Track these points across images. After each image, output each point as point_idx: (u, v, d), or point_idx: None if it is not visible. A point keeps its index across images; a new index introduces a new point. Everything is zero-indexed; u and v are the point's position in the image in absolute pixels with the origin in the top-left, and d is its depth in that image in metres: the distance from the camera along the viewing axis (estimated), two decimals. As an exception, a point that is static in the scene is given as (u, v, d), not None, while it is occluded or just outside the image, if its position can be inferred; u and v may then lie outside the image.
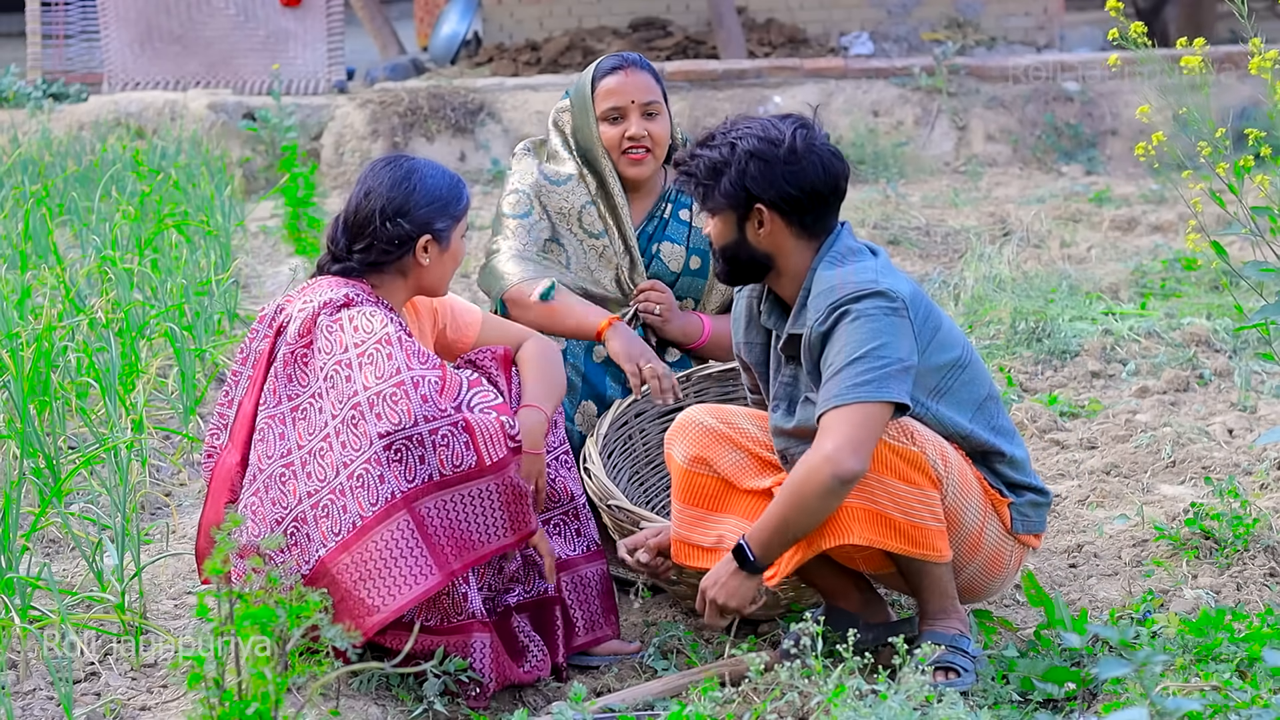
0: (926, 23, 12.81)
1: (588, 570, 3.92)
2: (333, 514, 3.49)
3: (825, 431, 3.40)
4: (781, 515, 3.45)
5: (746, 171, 3.51)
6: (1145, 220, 8.68)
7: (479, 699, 3.63)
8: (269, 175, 10.45)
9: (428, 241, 3.73)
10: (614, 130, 4.34)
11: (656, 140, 4.34)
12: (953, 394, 3.60)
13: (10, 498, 3.88)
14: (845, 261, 3.53)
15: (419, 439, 3.49)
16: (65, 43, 11.95)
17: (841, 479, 3.37)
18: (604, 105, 4.34)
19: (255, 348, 3.72)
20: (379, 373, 3.52)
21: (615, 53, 4.50)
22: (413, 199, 3.72)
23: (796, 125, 3.55)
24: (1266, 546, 4.21)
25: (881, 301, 3.44)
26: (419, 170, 3.77)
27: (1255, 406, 5.57)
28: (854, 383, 3.39)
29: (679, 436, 3.75)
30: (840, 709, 3.09)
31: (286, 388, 3.61)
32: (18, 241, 6.88)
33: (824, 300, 3.48)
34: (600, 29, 12.78)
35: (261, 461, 3.59)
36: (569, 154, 4.42)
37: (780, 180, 3.51)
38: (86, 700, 3.43)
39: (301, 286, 3.77)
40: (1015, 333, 6.37)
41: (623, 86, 4.33)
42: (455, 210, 3.78)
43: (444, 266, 3.79)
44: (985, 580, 3.68)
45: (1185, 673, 3.42)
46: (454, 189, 3.79)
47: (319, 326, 3.61)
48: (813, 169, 3.52)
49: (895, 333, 3.43)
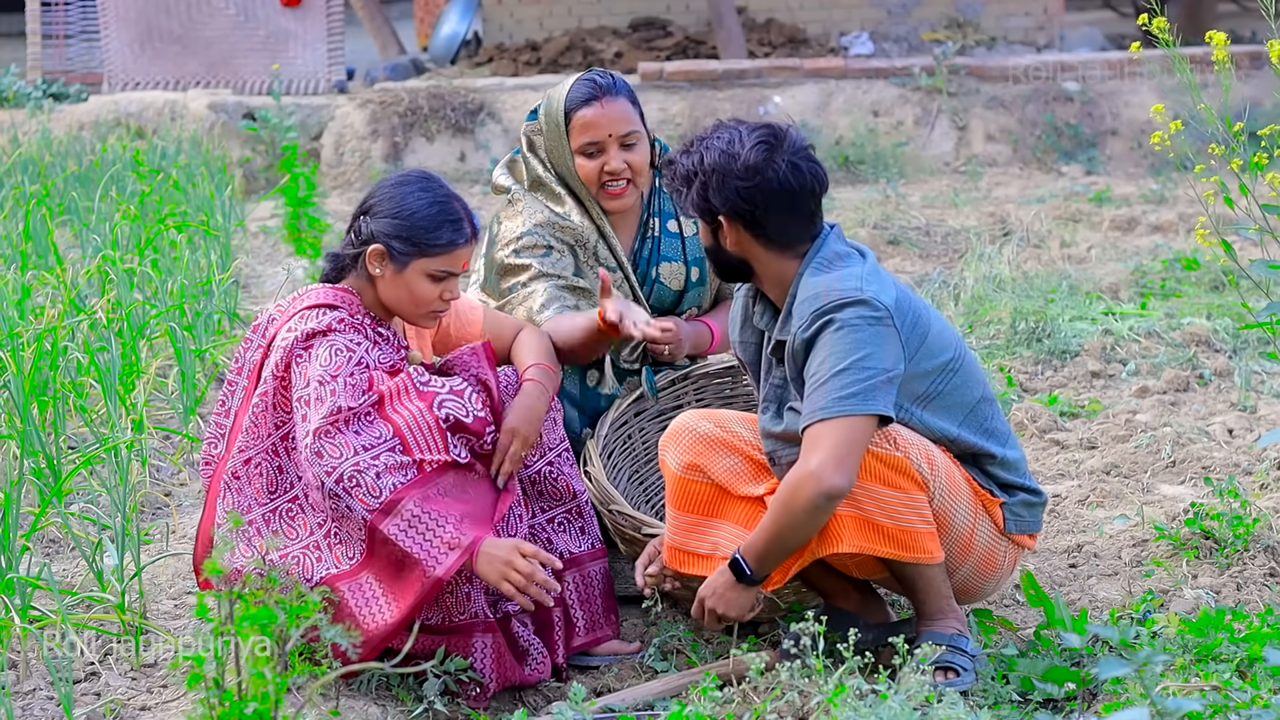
0: (926, 23, 12.81)
1: (592, 568, 3.92)
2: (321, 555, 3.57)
3: (811, 446, 3.40)
4: (774, 530, 3.47)
5: (708, 184, 3.52)
6: (1145, 220, 8.68)
7: (479, 699, 3.63)
8: (269, 175, 10.45)
9: (380, 252, 3.65)
10: (592, 165, 4.15)
11: (637, 170, 4.18)
12: (943, 398, 3.58)
13: (10, 498, 3.88)
14: (831, 267, 3.51)
15: (333, 493, 3.51)
16: (65, 43, 11.94)
17: (827, 495, 3.38)
18: (580, 140, 4.15)
19: (249, 358, 3.72)
20: (318, 414, 3.53)
21: (586, 77, 4.19)
22: (385, 204, 3.67)
23: (760, 139, 3.51)
24: (1266, 546, 4.21)
25: (865, 310, 3.43)
26: (413, 185, 3.69)
27: (1255, 406, 5.57)
28: (839, 395, 3.38)
29: (672, 443, 3.74)
30: (840, 709, 3.09)
31: (274, 416, 3.63)
32: (18, 241, 6.88)
33: (808, 307, 3.47)
34: (600, 29, 12.78)
35: (261, 497, 3.63)
36: (560, 186, 4.21)
37: (734, 195, 3.50)
38: (86, 700, 3.43)
39: (292, 295, 3.77)
40: (1015, 333, 6.37)
41: (599, 120, 4.13)
42: (421, 239, 3.62)
43: (398, 290, 3.66)
44: (979, 581, 3.68)
45: (1185, 673, 3.42)
46: (430, 220, 3.63)
47: (294, 358, 3.62)
48: (768, 184, 3.48)
49: (880, 342, 3.42)
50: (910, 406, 3.55)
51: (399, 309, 3.71)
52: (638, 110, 4.21)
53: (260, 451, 3.62)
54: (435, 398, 3.61)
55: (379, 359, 3.64)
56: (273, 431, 3.62)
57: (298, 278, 7.32)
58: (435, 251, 3.64)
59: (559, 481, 3.86)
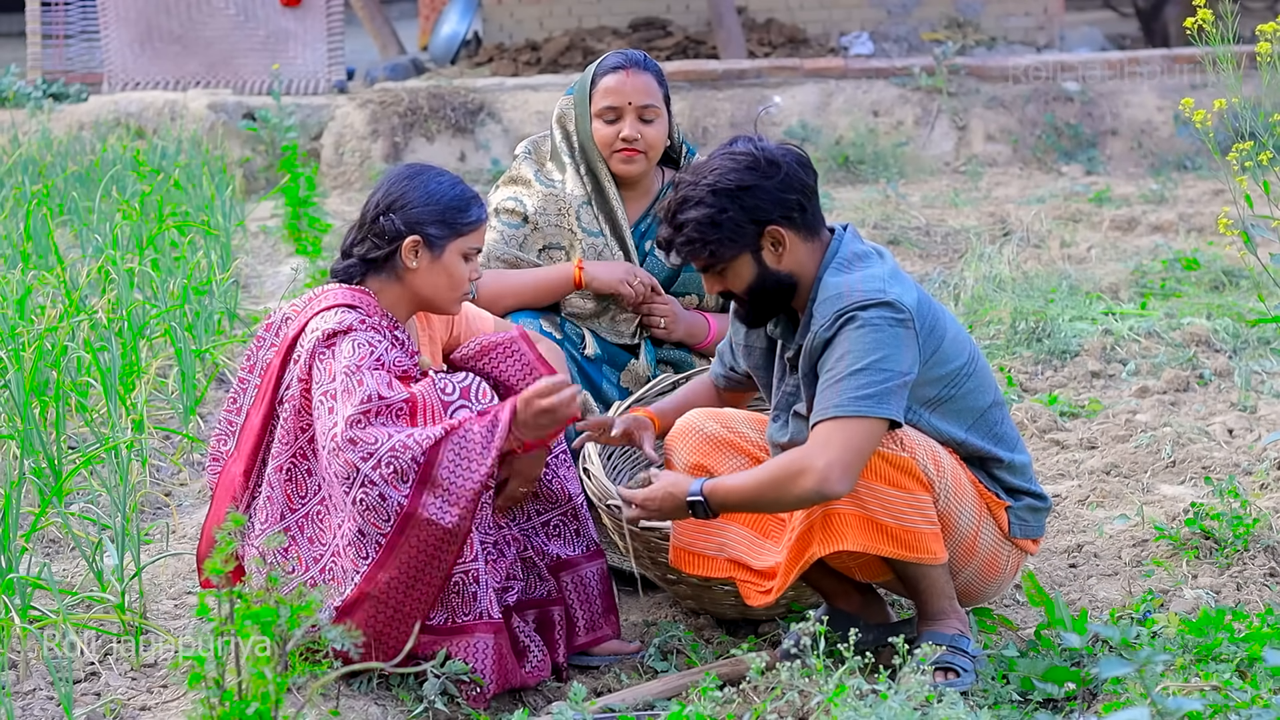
0: (926, 23, 12.81)
1: (588, 570, 3.92)
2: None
3: (823, 443, 3.38)
4: (754, 496, 3.47)
5: (744, 204, 3.47)
6: (1145, 220, 8.68)
7: (479, 699, 3.63)
8: (269, 175, 10.45)
9: (416, 243, 3.66)
10: (609, 130, 4.32)
11: (650, 144, 4.33)
12: (953, 403, 3.58)
13: (10, 498, 3.88)
14: (852, 267, 3.50)
15: (368, 480, 3.49)
16: (65, 43, 11.94)
17: (824, 495, 3.38)
18: (601, 104, 4.32)
19: (262, 356, 3.71)
20: (351, 403, 3.51)
21: (621, 50, 4.43)
22: (409, 195, 3.67)
23: (749, 143, 3.52)
24: (1266, 546, 4.21)
25: (888, 312, 3.41)
26: (427, 172, 3.72)
27: (1255, 406, 5.57)
28: (855, 395, 3.37)
29: (680, 442, 3.74)
30: (840, 709, 3.09)
31: (299, 420, 3.62)
32: (18, 241, 6.88)
33: (830, 307, 3.45)
34: (600, 29, 12.78)
35: (292, 502, 3.63)
36: (569, 155, 4.41)
37: (778, 191, 3.48)
38: (86, 700, 3.43)
39: (308, 295, 3.76)
40: (1015, 333, 6.37)
41: (621, 87, 4.31)
42: (455, 220, 3.67)
43: (435, 277, 3.68)
44: (981, 584, 3.68)
45: (1185, 673, 3.42)
46: (459, 200, 3.69)
47: (316, 358, 3.61)
48: (791, 169, 3.50)
49: (898, 345, 3.41)
50: (919, 409, 3.54)
51: (436, 297, 3.71)
52: (664, 91, 4.37)
53: (289, 457, 3.62)
54: (449, 408, 3.63)
55: (395, 361, 3.64)
56: (299, 435, 3.62)
57: (299, 278, 7.32)
58: (468, 229, 3.69)
59: (554, 484, 3.86)
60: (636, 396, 4.23)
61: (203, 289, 6.18)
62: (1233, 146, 4.11)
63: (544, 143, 4.51)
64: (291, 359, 3.64)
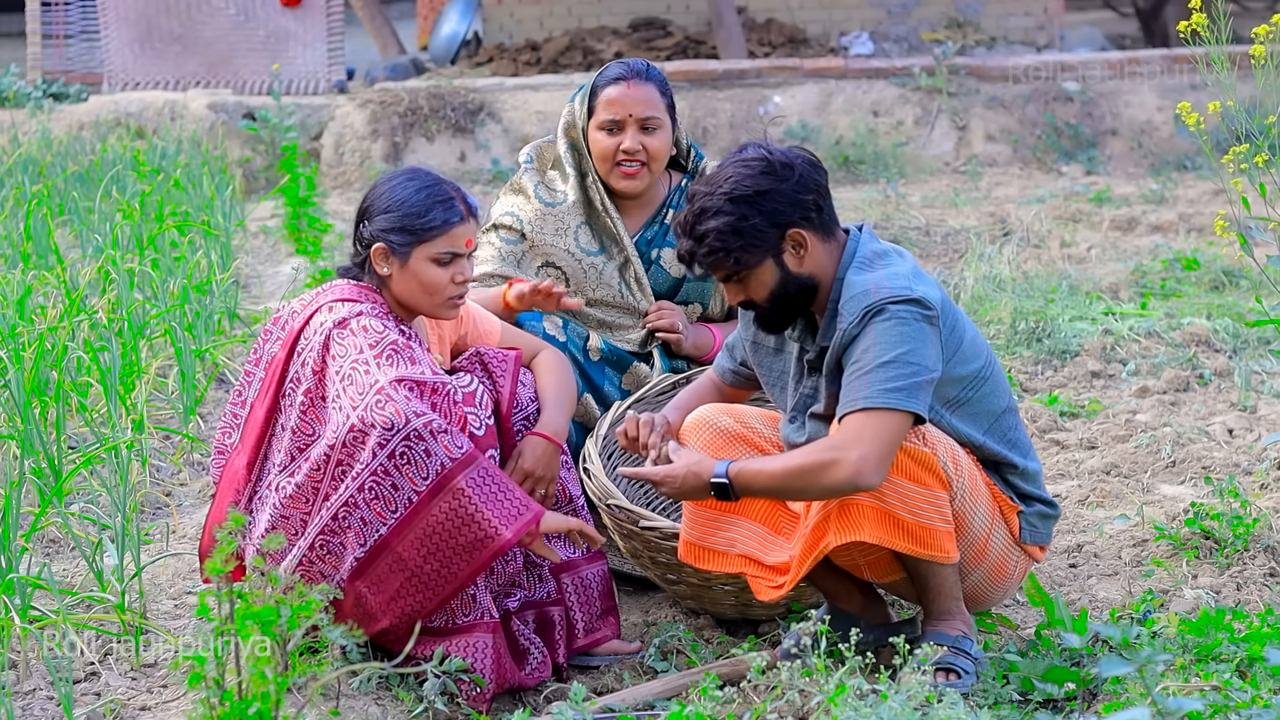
0: (926, 23, 12.81)
1: (588, 571, 3.92)
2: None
3: (854, 434, 3.36)
4: (782, 484, 3.44)
5: (764, 209, 3.46)
6: (1145, 220, 8.68)
7: (479, 699, 3.63)
8: (269, 175, 10.45)
9: (383, 250, 3.66)
10: (609, 141, 4.28)
11: (653, 155, 4.28)
12: (971, 405, 3.58)
13: (10, 498, 3.88)
14: (875, 266, 3.50)
15: (416, 434, 3.48)
16: (65, 43, 11.94)
17: (857, 487, 3.37)
18: (602, 115, 4.28)
19: (268, 349, 3.72)
20: (359, 389, 3.51)
21: (623, 60, 4.38)
22: (377, 202, 3.68)
23: (759, 148, 3.52)
24: (1266, 546, 4.21)
25: (916, 309, 3.41)
26: (398, 178, 3.70)
27: (1255, 406, 5.57)
28: (886, 388, 3.36)
29: (693, 436, 3.73)
30: (841, 709, 3.09)
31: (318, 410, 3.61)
32: (18, 241, 6.89)
33: (858, 304, 3.44)
34: (600, 29, 12.78)
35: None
36: (573, 168, 4.37)
37: (796, 192, 3.47)
38: (86, 700, 3.43)
39: (315, 291, 3.76)
40: (1015, 333, 6.37)
41: (622, 98, 4.26)
42: (414, 226, 3.63)
43: (407, 284, 3.66)
44: (989, 588, 3.68)
45: (1185, 673, 3.42)
46: (419, 206, 3.64)
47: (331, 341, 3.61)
48: (805, 170, 3.50)
49: (925, 340, 3.41)
50: (940, 409, 3.54)
51: (416, 303, 3.70)
52: (667, 101, 4.31)
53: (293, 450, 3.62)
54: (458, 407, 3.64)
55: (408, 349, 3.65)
56: (304, 428, 3.62)
57: (299, 278, 7.32)
58: (431, 235, 3.64)
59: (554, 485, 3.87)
60: (637, 396, 4.23)
61: (203, 289, 6.18)
62: (1230, 149, 4.10)
63: (548, 148, 4.48)
64: (295, 352, 3.64)
